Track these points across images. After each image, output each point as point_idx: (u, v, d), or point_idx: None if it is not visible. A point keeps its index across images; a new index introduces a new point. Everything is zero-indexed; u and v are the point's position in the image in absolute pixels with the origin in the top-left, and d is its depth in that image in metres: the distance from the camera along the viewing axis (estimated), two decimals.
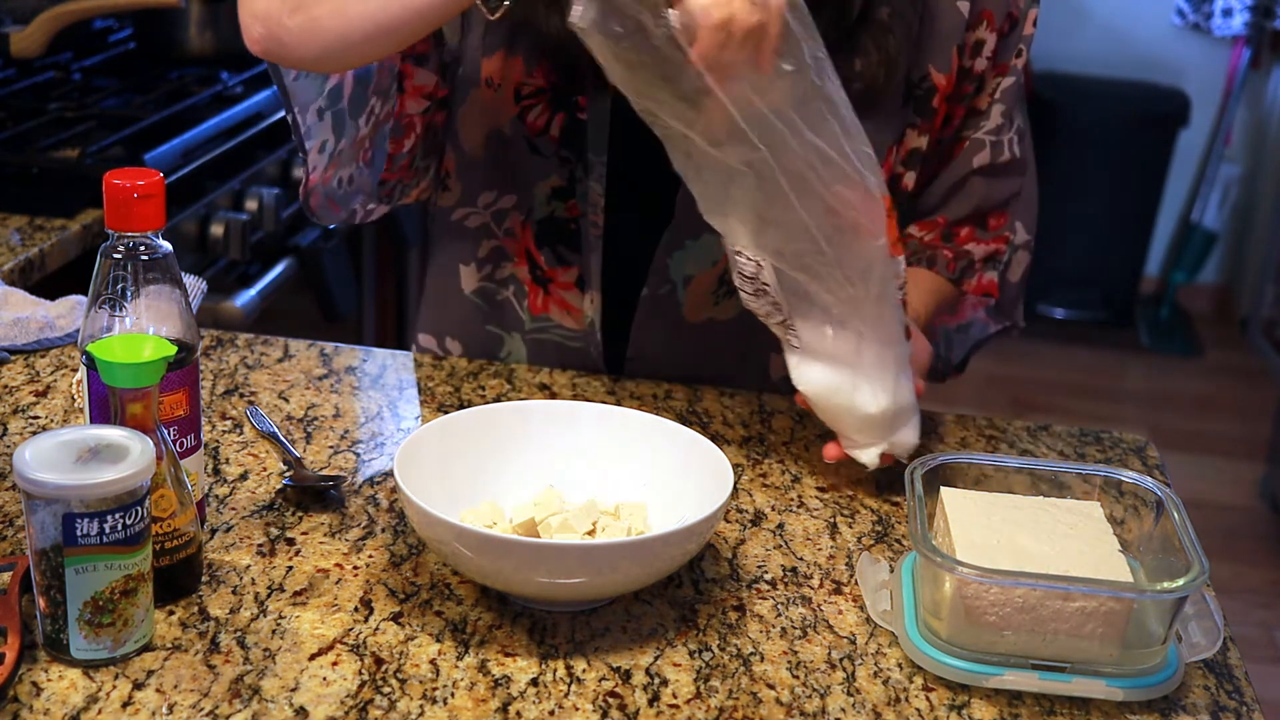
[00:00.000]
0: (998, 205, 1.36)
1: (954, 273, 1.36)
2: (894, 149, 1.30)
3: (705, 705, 0.91)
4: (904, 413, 1.15)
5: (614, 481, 1.09)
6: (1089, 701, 0.93)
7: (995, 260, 1.38)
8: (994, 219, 1.37)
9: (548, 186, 1.30)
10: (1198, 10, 4.38)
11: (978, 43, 1.28)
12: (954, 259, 1.36)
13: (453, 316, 1.40)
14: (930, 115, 1.29)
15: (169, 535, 0.95)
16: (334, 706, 0.88)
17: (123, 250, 0.97)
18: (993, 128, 1.33)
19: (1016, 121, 1.34)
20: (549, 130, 1.27)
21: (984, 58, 1.29)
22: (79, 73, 2.27)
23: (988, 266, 1.38)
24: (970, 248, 1.37)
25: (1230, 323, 4.53)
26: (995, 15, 1.28)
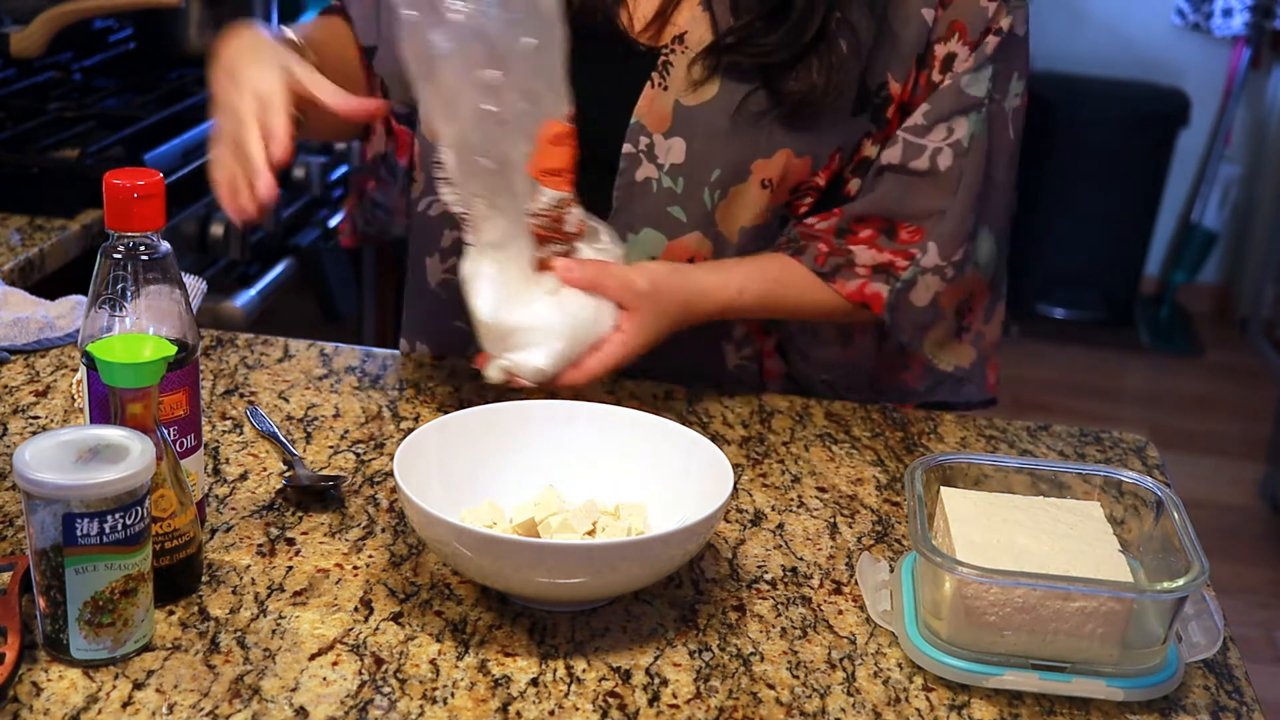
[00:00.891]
0: (911, 217, 1.29)
1: (823, 266, 1.29)
2: (839, 154, 1.28)
3: (705, 705, 0.91)
4: (533, 334, 1.16)
5: (614, 481, 1.09)
6: (1089, 701, 0.93)
7: (888, 273, 1.30)
8: (905, 231, 1.29)
9: None
10: (1198, 10, 4.38)
11: (949, 56, 1.25)
12: (828, 254, 1.29)
13: (422, 314, 1.42)
14: (885, 125, 1.28)
15: (169, 535, 0.95)
16: (334, 706, 0.88)
17: (123, 250, 0.97)
18: (911, 126, 1.27)
19: (955, 134, 1.27)
20: None
21: (955, 73, 1.26)
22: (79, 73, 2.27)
23: (876, 277, 1.30)
24: (857, 250, 1.29)
25: (1230, 323, 4.53)
26: (969, 28, 1.25)
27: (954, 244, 1.30)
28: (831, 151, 1.27)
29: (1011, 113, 1.30)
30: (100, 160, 1.84)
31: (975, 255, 1.32)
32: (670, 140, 1.25)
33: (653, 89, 1.25)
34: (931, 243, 1.29)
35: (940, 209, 1.29)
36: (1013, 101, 1.30)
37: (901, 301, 1.30)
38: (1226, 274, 4.62)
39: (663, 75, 1.25)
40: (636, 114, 1.25)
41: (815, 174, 1.27)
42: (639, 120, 1.25)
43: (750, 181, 1.26)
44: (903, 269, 1.30)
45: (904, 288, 1.30)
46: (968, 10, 1.24)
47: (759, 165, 1.25)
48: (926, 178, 1.28)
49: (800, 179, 1.27)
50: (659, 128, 1.25)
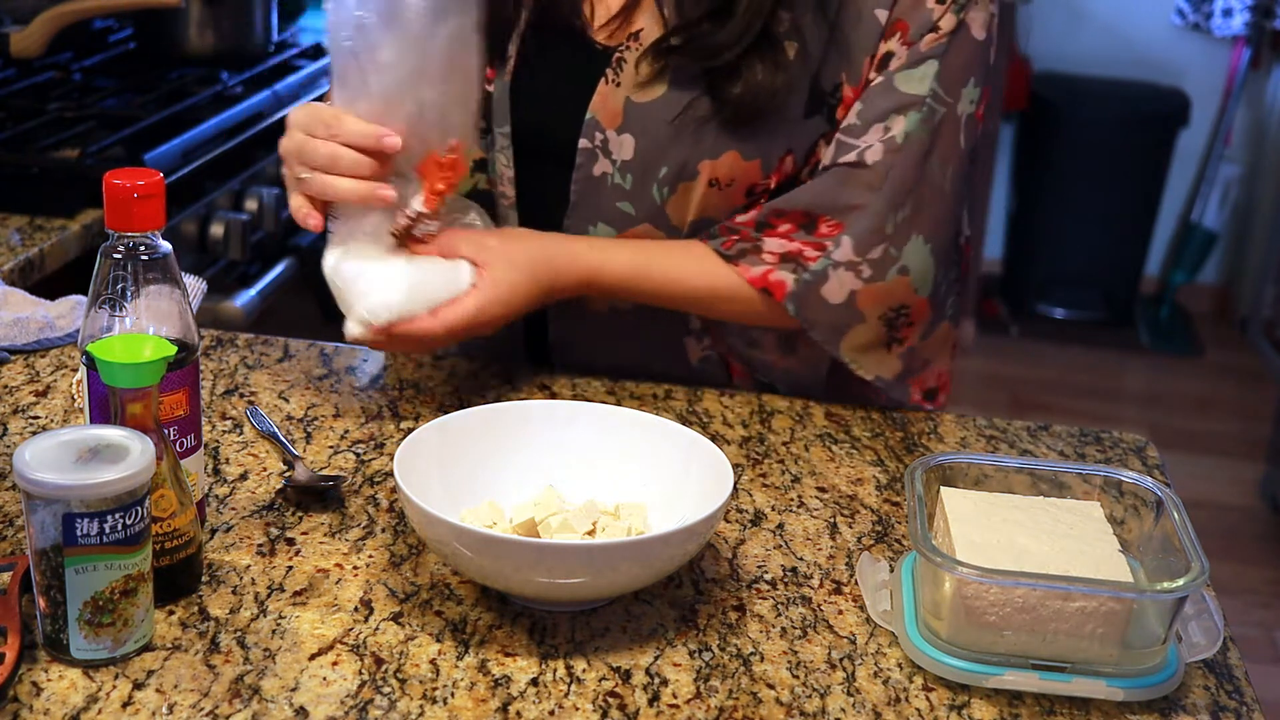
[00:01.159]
0: (831, 210, 1.26)
1: (729, 250, 1.28)
2: (792, 156, 1.26)
3: (705, 705, 0.91)
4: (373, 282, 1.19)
5: (614, 481, 1.09)
6: (1089, 701, 0.93)
7: (796, 263, 1.27)
8: (825, 225, 1.26)
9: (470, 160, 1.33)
10: (1198, 10, 4.38)
11: (887, 55, 1.24)
12: (737, 240, 1.28)
13: None
14: (837, 126, 1.27)
15: (169, 535, 0.95)
16: (334, 706, 0.88)
17: (123, 250, 0.97)
18: (847, 126, 1.25)
19: (891, 132, 1.24)
20: None
21: (889, 69, 1.25)
22: (79, 73, 2.27)
23: (783, 265, 1.27)
24: (768, 240, 1.27)
25: (1230, 323, 4.53)
26: (911, 27, 1.23)
27: (872, 240, 1.25)
28: (782, 154, 1.26)
29: (965, 119, 1.27)
30: (100, 160, 1.84)
31: (903, 260, 1.26)
32: (622, 136, 1.26)
33: (606, 85, 1.26)
34: (847, 237, 1.25)
35: (861, 203, 1.25)
36: (966, 108, 1.26)
37: (810, 294, 1.27)
38: (1226, 274, 4.62)
39: (616, 72, 1.26)
40: (591, 109, 1.27)
41: (766, 177, 1.27)
42: (594, 115, 1.27)
43: (699, 180, 1.26)
44: (812, 259, 1.26)
45: (813, 279, 1.26)
46: (912, 10, 1.23)
47: (705, 165, 1.25)
48: (852, 171, 1.25)
49: (751, 181, 1.27)
50: (612, 124, 1.26)
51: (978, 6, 1.25)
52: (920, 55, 1.24)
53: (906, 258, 1.26)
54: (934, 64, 1.24)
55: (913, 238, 1.26)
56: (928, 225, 1.27)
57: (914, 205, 1.26)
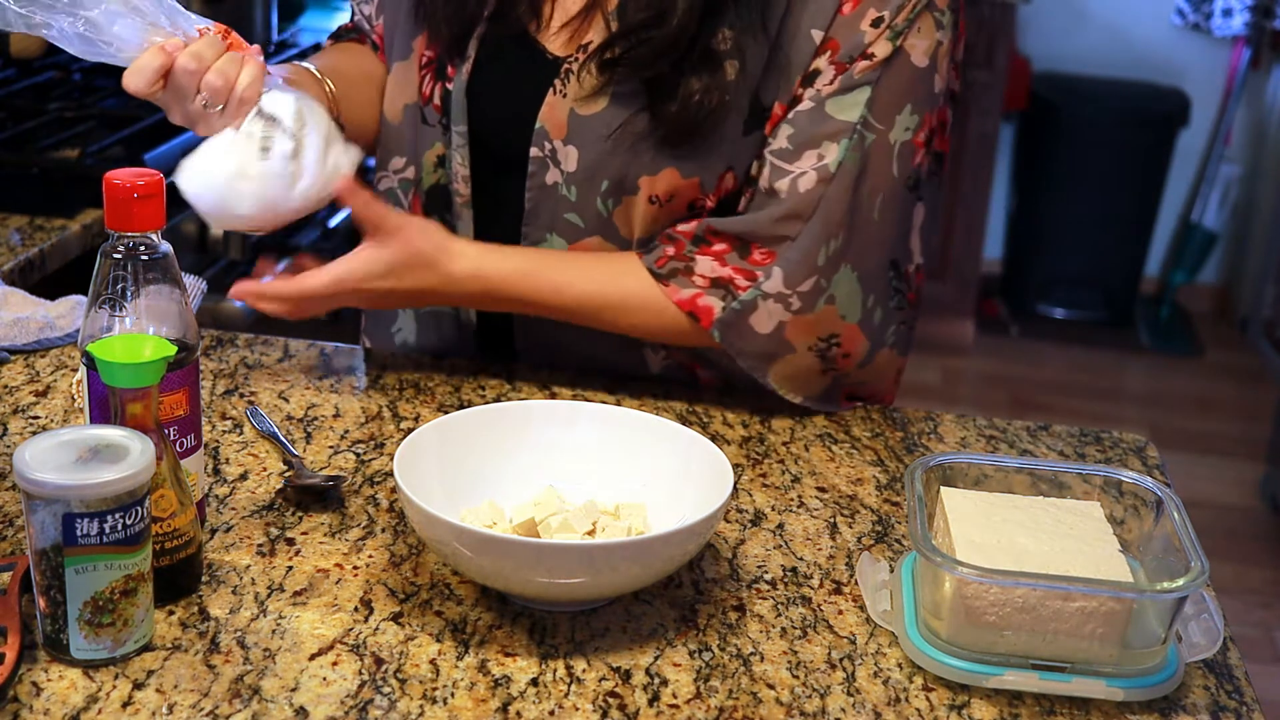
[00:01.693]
0: (765, 239, 1.24)
1: (661, 268, 1.25)
2: (733, 174, 1.25)
3: (705, 705, 0.91)
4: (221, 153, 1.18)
5: (614, 481, 1.09)
6: (1089, 701, 0.93)
7: (727, 289, 1.24)
8: (758, 252, 1.24)
9: (434, 155, 1.35)
10: (1198, 10, 4.38)
11: (814, 72, 1.22)
12: (671, 257, 1.26)
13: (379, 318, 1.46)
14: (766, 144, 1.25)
15: (169, 535, 0.95)
16: (334, 706, 0.88)
17: (123, 250, 0.97)
18: (778, 149, 1.23)
19: (824, 159, 1.22)
20: (433, 99, 1.33)
21: (814, 89, 1.22)
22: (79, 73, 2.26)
23: (713, 291, 1.25)
24: (699, 259, 1.25)
25: (1230, 323, 4.53)
26: (841, 48, 1.21)
27: (802, 273, 1.23)
28: (722, 172, 1.25)
29: (899, 146, 1.23)
30: (100, 160, 1.84)
31: (831, 289, 1.24)
32: (567, 147, 1.26)
33: (554, 95, 1.26)
34: (778, 268, 1.23)
35: (793, 235, 1.23)
36: (901, 135, 1.23)
37: (739, 323, 1.25)
38: (1226, 274, 4.62)
39: (564, 82, 1.26)
40: (540, 119, 1.27)
41: (706, 194, 1.25)
42: (542, 125, 1.27)
43: (639, 195, 1.26)
44: (743, 289, 1.24)
45: (742, 309, 1.24)
46: (844, 30, 1.21)
47: (645, 181, 1.25)
48: (785, 201, 1.23)
49: (692, 198, 1.26)
50: (558, 134, 1.26)
51: (919, 34, 1.21)
52: (853, 82, 1.21)
53: (835, 287, 1.24)
54: (866, 90, 1.21)
55: (842, 267, 1.24)
56: (856, 254, 1.25)
57: (845, 235, 1.24)
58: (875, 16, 1.20)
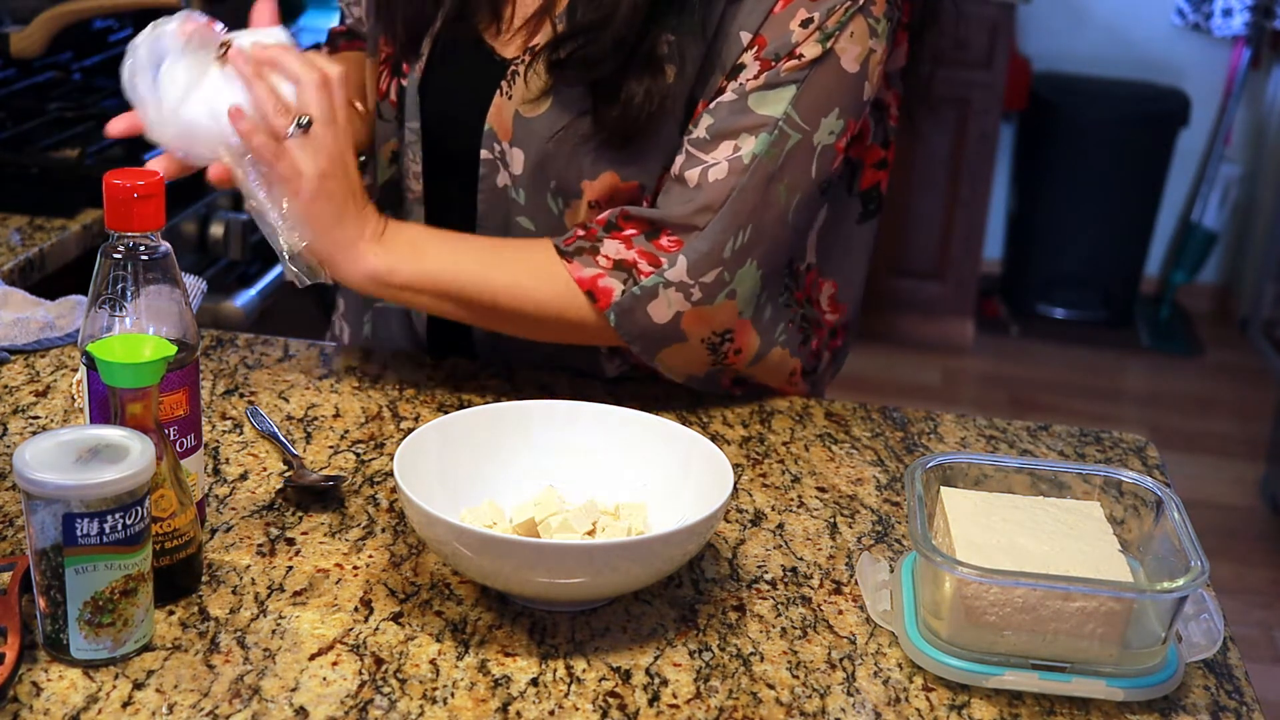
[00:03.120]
0: (674, 226, 1.22)
1: (568, 246, 1.23)
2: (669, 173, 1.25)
3: (705, 705, 0.91)
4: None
5: (614, 481, 1.09)
6: (1089, 701, 0.93)
7: (629, 274, 1.22)
8: (666, 236, 1.22)
9: (389, 150, 1.35)
10: (1198, 10, 4.38)
11: (738, 66, 1.21)
12: (579, 237, 1.23)
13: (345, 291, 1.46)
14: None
15: (169, 535, 0.95)
16: (334, 706, 0.88)
17: (123, 250, 0.97)
18: (696, 139, 1.22)
19: (740, 150, 1.20)
20: (389, 95, 1.33)
21: (738, 82, 1.21)
22: (79, 73, 2.27)
23: (615, 273, 1.22)
24: (607, 241, 1.23)
25: (1230, 323, 4.53)
26: (768, 44, 1.20)
27: (706, 264, 1.21)
28: (660, 174, 1.25)
29: (820, 149, 1.22)
30: (100, 160, 1.84)
31: (734, 284, 1.23)
32: (514, 150, 1.26)
33: (500, 97, 1.26)
34: (682, 256, 1.21)
35: (701, 225, 1.21)
36: (825, 138, 1.21)
37: (636, 308, 1.22)
38: (1226, 274, 4.62)
39: (510, 84, 1.26)
40: (489, 120, 1.26)
41: (645, 197, 1.25)
42: (490, 127, 1.27)
43: (582, 200, 1.26)
44: (646, 274, 1.22)
45: (641, 294, 1.22)
46: (773, 28, 1.20)
47: (586, 185, 1.25)
48: (698, 191, 1.21)
49: (631, 200, 1.25)
50: (505, 136, 1.26)
51: (852, 39, 1.20)
52: (779, 79, 1.20)
53: (738, 282, 1.23)
54: (792, 89, 1.20)
55: (748, 263, 1.23)
56: (763, 250, 1.23)
57: (754, 231, 1.22)
58: (805, 17, 1.19)
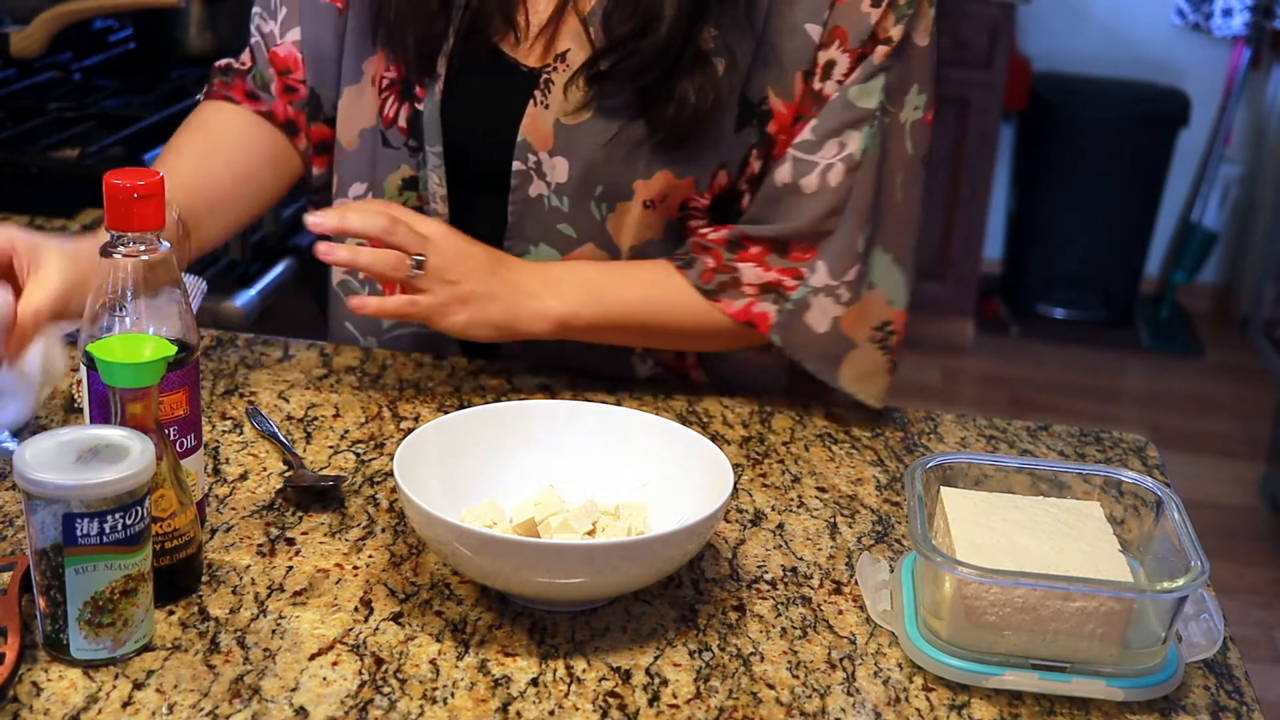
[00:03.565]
0: (803, 236, 1.25)
1: (708, 284, 1.26)
2: (725, 171, 1.26)
3: (705, 705, 0.91)
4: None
5: (614, 481, 1.09)
6: (1089, 701, 0.93)
7: (777, 293, 1.26)
8: (796, 248, 1.26)
9: (399, 178, 1.33)
10: (1198, 10, 4.38)
11: (829, 63, 1.23)
12: (714, 270, 1.26)
13: (333, 314, 1.44)
14: (770, 141, 1.26)
15: (169, 535, 0.95)
16: (334, 706, 0.88)
17: (123, 250, 0.97)
18: (801, 143, 1.24)
19: (847, 148, 1.23)
20: (398, 121, 1.31)
21: (834, 80, 1.23)
22: (79, 73, 2.27)
23: (764, 296, 1.26)
24: (743, 268, 1.26)
25: (1230, 323, 4.53)
26: (850, 34, 1.21)
27: (845, 263, 1.25)
28: (715, 169, 1.26)
29: (910, 126, 1.25)
30: (100, 160, 1.84)
31: (870, 276, 1.26)
32: (554, 159, 1.26)
33: (535, 107, 1.26)
34: (821, 262, 1.25)
35: (830, 228, 1.25)
36: (911, 115, 1.25)
37: (795, 325, 1.26)
38: (1226, 274, 4.62)
39: (544, 94, 1.25)
40: (522, 132, 1.26)
41: (700, 194, 1.26)
42: (525, 138, 1.26)
43: (634, 200, 1.26)
44: (792, 289, 1.25)
45: (795, 309, 1.25)
46: (848, 16, 1.21)
47: (640, 185, 1.25)
48: (818, 196, 1.24)
49: (685, 197, 1.26)
50: (543, 146, 1.26)
51: (922, 14, 1.23)
52: (873, 69, 1.22)
53: (873, 272, 1.26)
54: (883, 77, 1.23)
55: (875, 251, 1.26)
56: (888, 238, 1.26)
57: (874, 221, 1.25)
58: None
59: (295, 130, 1.38)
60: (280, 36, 1.36)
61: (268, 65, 1.37)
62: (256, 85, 1.37)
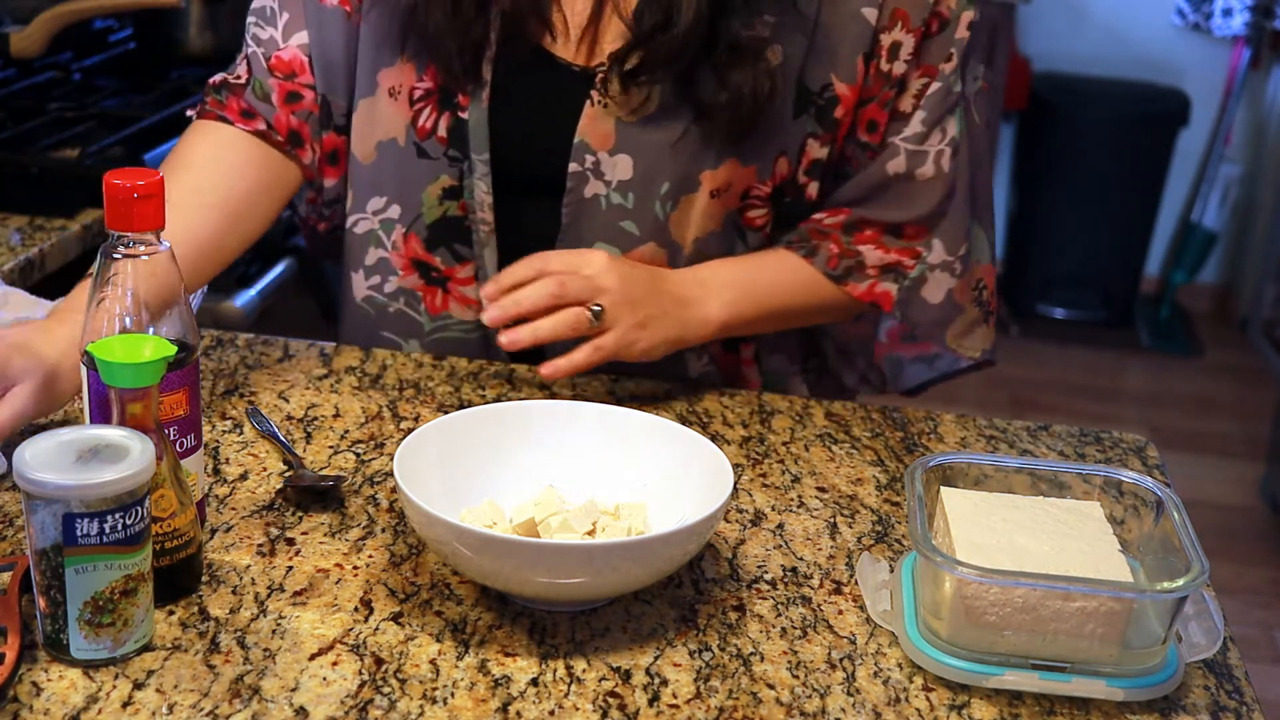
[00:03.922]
0: (915, 220, 1.33)
1: (835, 269, 1.32)
2: (785, 157, 1.28)
3: (705, 705, 0.91)
4: None
5: (614, 481, 1.09)
6: (1089, 701, 0.93)
7: (896, 272, 1.34)
8: (911, 230, 1.33)
9: (438, 188, 1.31)
10: (1198, 10, 4.38)
11: (894, 45, 1.26)
12: (839, 256, 1.32)
13: (352, 326, 1.42)
14: (833, 126, 1.28)
15: (169, 535, 0.95)
16: (334, 706, 0.88)
17: (123, 250, 0.97)
18: (912, 135, 1.30)
19: (949, 133, 1.31)
20: (436, 131, 1.29)
21: (902, 60, 1.27)
22: (79, 73, 2.27)
23: (885, 276, 1.34)
24: (865, 250, 1.33)
25: (1230, 323, 4.53)
26: (911, 15, 1.25)
27: (958, 239, 1.34)
28: (775, 156, 1.28)
29: (974, 97, 1.34)
30: (100, 160, 1.84)
31: (970, 244, 1.36)
32: (616, 158, 1.26)
33: (593, 108, 1.26)
34: (937, 240, 1.34)
35: (944, 209, 1.33)
36: (972, 86, 1.33)
37: (914, 298, 1.35)
38: (1226, 274, 4.62)
39: (601, 93, 1.25)
40: (580, 134, 1.26)
41: (762, 181, 1.28)
42: (583, 139, 1.26)
43: (700, 191, 1.27)
44: (910, 267, 1.34)
45: (914, 285, 1.34)
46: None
47: (707, 176, 1.26)
48: (933, 182, 1.31)
49: (747, 185, 1.28)
50: (603, 145, 1.26)
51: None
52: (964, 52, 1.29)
53: (973, 242, 1.36)
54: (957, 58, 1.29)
55: (971, 222, 1.36)
56: (979, 209, 1.36)
57: (972, 194, 1.35)
58: None
59: (300, 141, 1.35)
60: (283, 42, 1.33)
61: (267, 74, 1.33)
62: (256, 97, 1.33)
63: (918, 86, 1.28)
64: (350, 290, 1.40)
